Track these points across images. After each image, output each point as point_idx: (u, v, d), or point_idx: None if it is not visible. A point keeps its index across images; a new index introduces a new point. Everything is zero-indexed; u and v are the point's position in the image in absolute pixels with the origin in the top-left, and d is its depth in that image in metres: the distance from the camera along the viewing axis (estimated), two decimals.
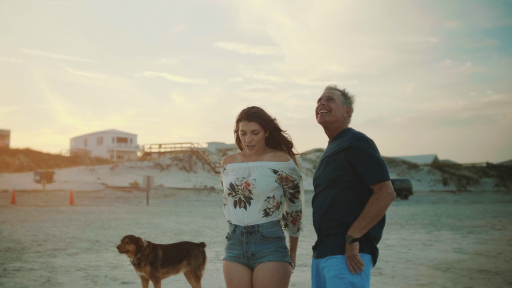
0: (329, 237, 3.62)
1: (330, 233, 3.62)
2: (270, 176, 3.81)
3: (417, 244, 13.14)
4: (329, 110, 3.80)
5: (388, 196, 3.51)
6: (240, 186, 3.80)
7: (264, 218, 3.80)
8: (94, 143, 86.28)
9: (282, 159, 3.90)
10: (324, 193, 3.69)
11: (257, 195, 3.78)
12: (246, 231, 3.80)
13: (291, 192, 3.93)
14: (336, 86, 3.95)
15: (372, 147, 3.61)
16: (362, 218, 3.47)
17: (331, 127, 3.85)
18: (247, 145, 3.83)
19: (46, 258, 9.98)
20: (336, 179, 3.62)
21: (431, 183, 66.49)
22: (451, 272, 9.26)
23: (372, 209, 3.47)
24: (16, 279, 7.99)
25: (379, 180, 3.53)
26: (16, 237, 13.30)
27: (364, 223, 3.47)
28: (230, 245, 3.90)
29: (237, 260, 3.85)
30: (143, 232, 15.30)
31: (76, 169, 54.17)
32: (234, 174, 3.87)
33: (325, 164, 3.73)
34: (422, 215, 25.14)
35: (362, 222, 3.47)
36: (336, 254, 3.55)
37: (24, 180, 43.22)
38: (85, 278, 8.19)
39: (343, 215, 3.57)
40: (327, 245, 3.64)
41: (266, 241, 3.80)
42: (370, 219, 3.47)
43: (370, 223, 3.48)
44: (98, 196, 36.27)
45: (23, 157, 60.84)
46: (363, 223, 3.47)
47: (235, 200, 3.84)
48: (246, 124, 3.79)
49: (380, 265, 9.82)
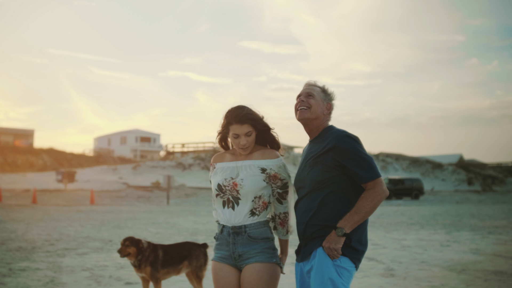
0: (314, 240, 3.49)
1: (316, 236, 3.49)
2: (258, 175, 3.70)
3: (434, 245, 12.86)
4: (309, 107, 3.65)
5: (382, 193, 3.39)
6: (228, 187, 3.71)
7: (251, 218, 3.70)
8: (118, 142, 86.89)
9: (271, 157, 3.78)
10: (310, 197, 3.54)
11: (244, 195, 3.68)
12: (233, 232, 3.71)
13: (279, 192, 3.79)
14: (315, 82, 3.80)
15: (359, 145, 3.47)
16: (355, 213, 3.35)
17: (311, 125, 3.70)
18: (241, 148, 3.73)
19: (55, 258, 9.94)
20: (323, 182, 3.48)
21: (455, 182, 65.66)
22: (466, 274, 8.99)
23: (366, 205, 3.35)
24: (20, 279, 7.95)
25: (373, 177, 3.40)
26: (30, 237, 13.31)
27: (357, 218, 3.35)
28: (217, 246, 3.81)
29: (225, 261, 3.76)
30: (158, 232, 15.24)
31: (99, 169, 54.56)
32: (222, 174, 3.78)
33: (311, 166, 3.57)
34: (444, 215, 24.71)
35: (355, 217, 3.35)
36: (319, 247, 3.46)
37: (47, 180, 43.63)
38: (89, 278, 8.11)
39: (331, 219, 3.44)
40: (312, 247, 3.50)
41: (253, 242, 3.70)
42: (364, 214, 3.35)
43: (363, 219, 3.37)
44: (119, 195, 36.43)
45: (46, 156, 61.48)
46: (356, 218, 3.35)
47: (224, 201, 3.75)
48: (239, 127, 3.68)
49: (393, 266, 9.60)
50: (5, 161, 56.54)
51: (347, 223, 3.34)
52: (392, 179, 43.49)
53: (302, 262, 3.59)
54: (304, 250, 3.57)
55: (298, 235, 3.65)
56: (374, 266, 9.68)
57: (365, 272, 9.01)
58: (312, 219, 3.49)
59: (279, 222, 3.82)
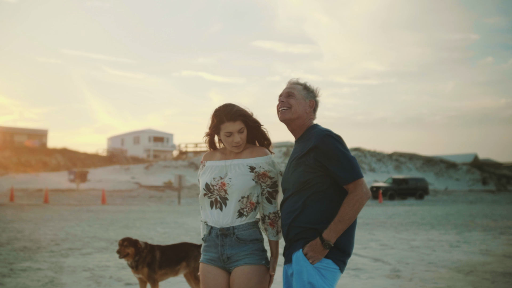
0: (297, 242, 3.39)
1: (299, 238, 3.38)
2: (246, 174, 3.60)
3: (443, 246, 12.66)
4: (289, 107, 3.54)
5: (363, 195, 3.24)
6: (216, 186, 3.60)
7: (239, 219, 3.59)
8: (131, 142, 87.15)
9: (259, 154, 3.68)
10: (294, 198, 3.42)
11: (232, 195, 3.57)
12: (221, 233, 3.61)
13: (269, 191, 3.68)
14: (298, 80, 3.69)
15: (341, 144, 3.34)
16: (339, 221, 3.22)
17: (294, 125, 3.59)
18: (235, 146, 3.63)
19: (58, 258, 9.89)
20: (305, 183, 3.36)
21: (469, 182, 65.03)
22: (473, 275, 8.81)
23: (348, 211, 3.22)
24: (20, 279, 7.89)
25: (353, 178, 3.26)
26: (36, 236, 13.29)
27: (341, 227, 3.23)
28: (205, 247, 3.71)
29: (213, 263, 3.67)
30: (165, 232, 15.17)
31: (111, 169, 54.67)
32: (211, 173, 3.68)
33: (294, 167, 3.46)
34: (456, 215, 24.44)
35: (340, 225, 3.22)
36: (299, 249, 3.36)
37: (59, 180, 43.78)
38: (89, 278, 8.04)
39: (314, 221, 3.32)
40: (295, 249, 3.40)
41: (242, 244, 3.59)
42: (348, 221, 3.23)
43: (347, 226, 3.25)
44: (131, 195, 36.45)
45: (60, 156, 61.76)
46: (340, 226, 3.23)
47: (211, 201, 3.64)
48: (232, 124, 3.58)
49: (399, 267, 9.44)
50: (18, 161, 56.87)
51: (332, 233, 3.24)
52: (396, 179, 43.01)
53: (286, 264, 3.50)
54: (288, 252, 3.48)
55: (283, 237, 3.55)
56: (380, 267, 9.53)
57: (370, 273, 8.87)
58: (295, 221, 3.39)
59: (268, 222, 3.70)
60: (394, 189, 40.92)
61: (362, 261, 10.11)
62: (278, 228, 3.68)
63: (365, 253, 11.25)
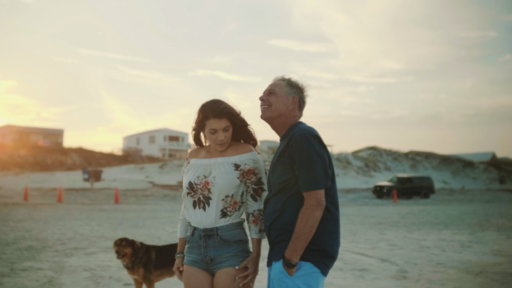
0: (279, 244, 3.25)
1: (280, 239, 3.25)
2: (231, 173, 3.49)
3: (454, 246, 12.41)
4: (270, 105, 3.39)
5: (314, 208, 3.08)
6: (199, 185, 3.49)
7: (223, 219, 3.48)
8: (146, 141, 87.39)
9: (244, 150, 3.58)
10: (275, 199, 3.29)
11: (215, 195, 3.45)
12: (205, 234, 3.49)
13: (254, 188, 3.55)
14: (283, 76, 3.53)
15: (312, 146, 3.14)
16: (296, 239, 3.08)
17: (276, 123, 3.44)
18: (219, 144, 3.51)
19: (61, 258, 9.81)
20: (283, 184, 3.23)
21: (487, 181, 64.38)
22: (482, 276, 8.59)
23: (301, 226, 3.06)
24: (19, 279, 7.82)
25: (308, 187, 3.10)
26: (43, 236, 13.25)
27: (300, 244, 3.07)
28: (189, 249, 3.59)
29: (196, 265, 3.55)
30: (174, 231, 15.07)
31: (126, 168, 54.81)
32: (195, 171, 3.57)
33: (273, 167, 3.33)
34: (471, 214, 24.11)
35: (297, 243, 3.07)
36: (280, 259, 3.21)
37: (74, 179, 43.94)
38: (88, 278, 7.94)
39: (293, 223, 3.16)
40: (275, 252, 3.27)
41: (226, 245, 3.48)
42: (305, 237, 3.06)
43: (306, 241, 3.08)
44: (144, 194, 36.44)
45: (75, 156, 62.05)
46: (298, 244, 3.08)
47: (194, 200, 3.53)
48: (217, 121, 3.47)
49: (406, 268, 9.24)
50: (35, 160, 57.24)
51: (291, 252, 3.09)
52: (400, 177, 42.52)
53: (269, 267, 3.37)
54: (270, 254, 3.35)
55: (267, 238, 3.41)
56: (386, 267, 9.33)
57: (376, 274, 8.68)
58: (275, 223, 3.27)
59: (252, 220, 3.55)
60: (398, 188, 40.49)
61: (369, 262, 9.92)
62: (261, 226, 3.53)
63: (373, 253, 11.05)
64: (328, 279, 8.26)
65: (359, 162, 64.51)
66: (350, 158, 64.52)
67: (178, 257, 3.69)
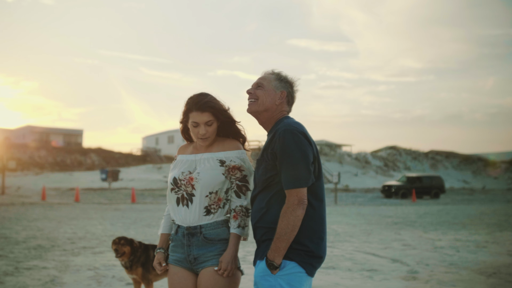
0: (264, 242, 3.13)
1: (265, 238, 3.12)
2: (215, 169, 3.38)
3: (469, 246, 12.13)
4: (256, 99, 3.29)
5: (295, 206, 2.96)
6: (183, 181, 3.39)
7: (207, 217, 3.37)
8: (165, 141, 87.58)
9: (231, 148, 3.48)
10: (260, 196, 3.17)
11: (199, 191, 3.34)
12: (188, 233, 3.39)
13: (238, 184, 3.43)
14: (273, 70, 3.41)
15: (295, 142, 3.01)
16: (277, 239, 2.95)
17: (262, 117, 3.32)
18: (201, 138, 3.41)
19: (68, 257, 9.74)
20: (268, 180, 3.11)
21: (508, 181, 63.52)
22: (496, 278, 8.35)
23: (283, 226, 2.94)
24: (21, 278, 7.76)
25: (289, 185, 2.97)
26: (54, 235, 13.22)
27: (282, 244, 2.95)
28: (172, 247, 3.50)
29: (180, 264, 3.45)
30: None
31: (144, 168, 55.03)
32: (180, 167, 3.48)
33: (258, 163, 3.22)
34: (491, 214, 23.69)
35: (279, 243, 2.95)
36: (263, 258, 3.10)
37: (93, 178, 44.24)
38: (91, 278, 7.86)
39: (277, 222, 3.02)
40: (260, 251, 3.15)
41: (210, 244, 3.37)
42: (287, 237, 2.94)
43: (288, 241, 2.96)
44: (162, 194, 36.50)
45: (94, 156, 62.47)
46: (280, 244, 2.95)
47: (178, 197, 3.43)
48: (199, 115, 3.37)
49: (417, 269, 9.02)
50: (54, 160, 57.70)
51: (274, 253, 2.98)
52: (409, 177, 42.05)
53: (255, 266, 3.21)
54: (256, 253, 3.22)
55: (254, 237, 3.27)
56: (397, 268, 9.12)
57: (385, 275, 8.48)
58: (260, 221, 3.15)
59: (233, 215, 3.42)
60: (407, 187, 40.05)
61: (379, 262, 9.71)
62: (241, 222, 3.41)
63: (385, 253, 10.83)
64: (336, 279, 8.09)
65: (378, 162, 64.06)
66: (369, 158, 64.10)
67: (158, 253, 3.57)
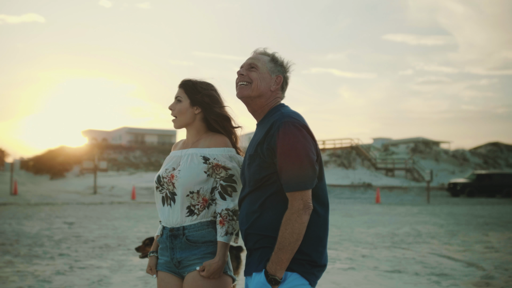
0: (258, 251, 2.68)
1: (259, 246, 2.68)
2: (197, 165, 3.06)
3: None
4: (250, 82, 2.82)
5: (298, 212, 2.51)
6: (166, 179, 3.13)
7: (189, 218, 3.07)
8: None
9: (218, 144, 3.13)
10: (251, 198, 2.73)
11: (179, 190, 3.05)
12: (171, 234, 3.12)
13: (222, 185, 3.08)
14: (265, 50, 2.94)
15: (298, 137, 2.56)
16: (279, 249, 2.51)
17: (254, 104, 2.86)
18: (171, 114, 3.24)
19: (127, 256, 9.66)
20: (262, 180, 2.65)
21: None
22: None
23: (287, 235, 2.50)
24: (71, 277, 7.68)
25: (292, 187, 2.52)
26: (126, 234, 13.28)
27: (285, 256, 2.51)
28: (160, 250, 3.25)
29: (167, 269, 3.20)
30: None
31: None
32: (166, 164, 3.24)
33: (249, 158, 2.75)
34: None
35: (281, 254, 2.51)
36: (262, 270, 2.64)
37: None
38: (140, 278, 7.69)
39: (274, 228, 2.60)
40: (254, 260, 2.71)
41: (193, 247, 3.07)
42: (291, 247, 2.51)
43: (292, 252, 2.51)
44: None
45: None
46: (283, 256, 2.52)
47: (163, 196, 3.16)
48: (177, 91, 3.26)
49: (494, 274, 8.24)
50: (149, 160, 59.30)
51: (275, 266, 2.54)
52: (479, 174, 39.66)
53: (247, 277, 2.82)
54: (248, 262, 2.78)
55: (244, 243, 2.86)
56: (471, 273, 8.33)
57: (455, 280, 7.75)
58: (253, 227, 2.70)
59: (219, 220, 3.05)
60: (474, 185, 37.97)
61: (452, 266, 8.94)
62: (228, 228, 3.02)
63: (462, 256, 9.99)
64: (399, 284, 7.46)
65: (477, 159, 61.24)
66: (468, 155, 61.42)
67: (150, 257, 3.30)
